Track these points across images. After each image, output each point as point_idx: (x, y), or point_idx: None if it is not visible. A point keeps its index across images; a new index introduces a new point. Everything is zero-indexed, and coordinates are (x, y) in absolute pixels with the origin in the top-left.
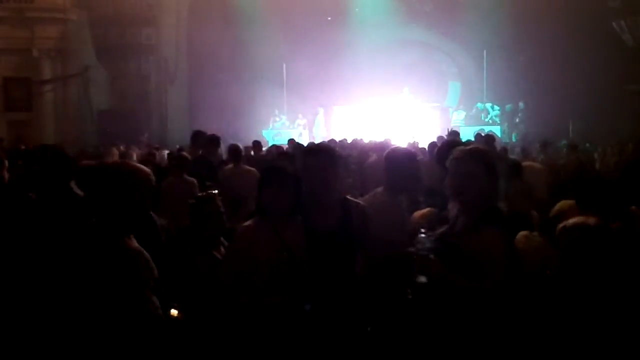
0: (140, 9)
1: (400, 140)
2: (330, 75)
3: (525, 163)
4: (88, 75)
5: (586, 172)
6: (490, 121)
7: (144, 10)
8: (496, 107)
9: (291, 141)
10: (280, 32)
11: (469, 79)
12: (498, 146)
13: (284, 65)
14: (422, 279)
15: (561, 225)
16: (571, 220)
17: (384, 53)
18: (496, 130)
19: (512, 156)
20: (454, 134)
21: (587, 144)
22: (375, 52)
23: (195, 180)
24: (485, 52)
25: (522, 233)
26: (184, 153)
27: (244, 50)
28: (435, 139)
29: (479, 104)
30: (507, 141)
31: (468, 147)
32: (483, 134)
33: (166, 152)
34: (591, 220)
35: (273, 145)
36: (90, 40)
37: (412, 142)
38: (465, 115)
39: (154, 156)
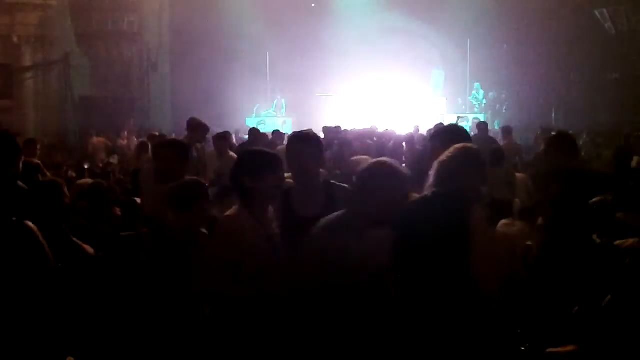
0: None
1: (385, 127)
2: (313, 62)
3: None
4: (69, 61)
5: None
6: (477, 109)
7: None
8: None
9: (277, 132)
10: (264, 19)
11: (452, 67)
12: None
13: (268, 53)
14: None
15: None
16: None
17: (367, 40)
18: (480, 117)
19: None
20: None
21: (570, 132)
22: (358, 40)
23: None
24: (469, 40)
25: (503, 221)
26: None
27: (227, 37)
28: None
29: (477, 84)
30: (490, 128)
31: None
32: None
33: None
34: None
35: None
36: (71, 26)
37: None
38: (446, 103)
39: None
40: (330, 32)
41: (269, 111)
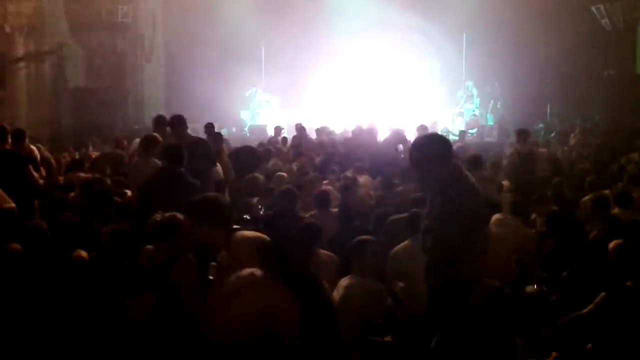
0: None
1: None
2: (308, 55)
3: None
4: (62, 52)
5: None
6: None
7: None
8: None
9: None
10: (259, 12)
11: (447, 61)
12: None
13: (263, 46)
14: None
15: None
16: None
17: (363, 34)
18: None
19: (489, 139)
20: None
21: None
22: (353, 33)
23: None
24: (464, 34)
25: (497, 216)
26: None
27: (221, 27)
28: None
29: (468, 84)
30: (484, 124)
31: None
32: None
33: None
34: None
35: None
36: (65, 16)
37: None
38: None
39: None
40: (326, 25)
41: (261, 102)
